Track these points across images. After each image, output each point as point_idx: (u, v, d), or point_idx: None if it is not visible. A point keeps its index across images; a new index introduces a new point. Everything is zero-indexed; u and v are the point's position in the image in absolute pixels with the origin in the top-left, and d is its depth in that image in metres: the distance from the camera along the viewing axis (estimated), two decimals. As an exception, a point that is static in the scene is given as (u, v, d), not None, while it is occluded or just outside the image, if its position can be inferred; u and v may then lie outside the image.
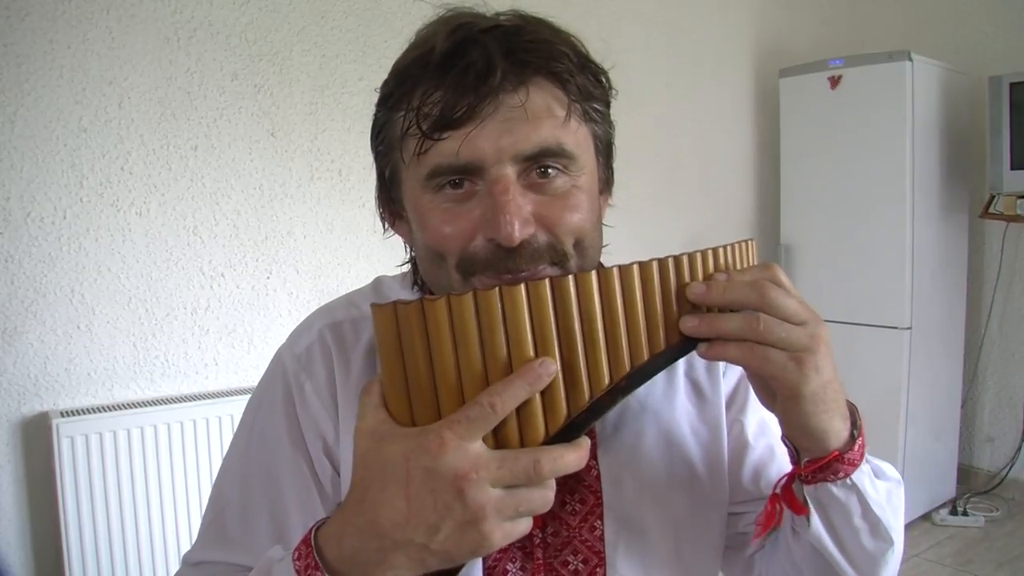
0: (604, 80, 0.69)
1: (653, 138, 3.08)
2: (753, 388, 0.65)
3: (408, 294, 0.77)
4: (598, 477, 0.72)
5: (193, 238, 2.16)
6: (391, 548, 0.52)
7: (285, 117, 2.27)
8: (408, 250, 0.77)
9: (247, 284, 2.25)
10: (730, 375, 0.80)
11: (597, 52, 0.70)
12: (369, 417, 0.55)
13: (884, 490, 0.66)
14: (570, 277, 0.56)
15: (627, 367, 0.57)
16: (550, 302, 0.55)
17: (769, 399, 0.63)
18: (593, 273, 0.56)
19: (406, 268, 0.80)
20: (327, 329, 0.76)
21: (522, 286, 0.54)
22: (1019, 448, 3.27)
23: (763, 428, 0.79)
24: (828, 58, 3.11)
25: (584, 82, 0.66)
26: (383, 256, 2.46)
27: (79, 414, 1.93)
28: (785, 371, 0.57)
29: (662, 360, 0.58)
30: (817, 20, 3.64)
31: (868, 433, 0.66)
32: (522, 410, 0.54)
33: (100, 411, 1.96)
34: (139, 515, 1.97)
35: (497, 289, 0.54)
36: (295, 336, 0.78)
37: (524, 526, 0.53)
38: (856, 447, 0.63)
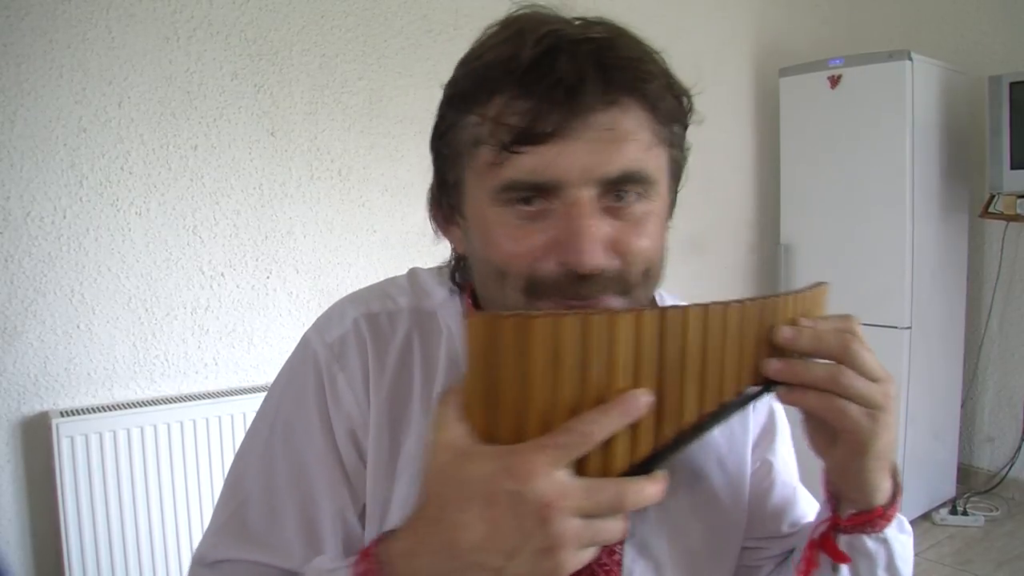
0: (687, 102, 0.67)
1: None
2: (807, 434, 0.63)
3: (444, 291, 0.75)
4: None
5: (193, 238, 2.16)
6: (464, 570, 0.50)
7: (285, 117, 2.27)
8: (452, 252, 0.74)
9: (247, 284, 2.25)
10: (760, 411, 0.79)
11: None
12: (449, 430, 0.52)
13: (906, 544, 0.67)
14: (678, 309, 0.55)
15: (715, 404, 0.56)
16: (657, 333, 0.54)
17: (824, 447, 0.62)
18: (699, 307, 0.56)
19: (440, 265, 0.77)
20: (363, 319, 0.72)
21: (632, 315, 0.53)
22: (1019, 448, 3.27)
23: (788, 468, 0.79)
24: (828, 58, 3.11)
25: (671, 105, 0.64)
26: (383, 256, 2.46)
27: (79, 414, 1.93)
28: (859, 426, 0.57)
29: (742, 400, 0.58)
30: (817, 20, 3.64)
31: None
32: (608, 439, 0.52)
33: (100, 411, 1.96)
34: (139, 515, 1.97)
35: (608, 314, 0.52)
36: (325, 323, 0.74)
37: (592, 554, 0.52)
38: (895, 504, 0.64)
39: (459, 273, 0.73)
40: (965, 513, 3.08)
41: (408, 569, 0.53)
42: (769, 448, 0.79)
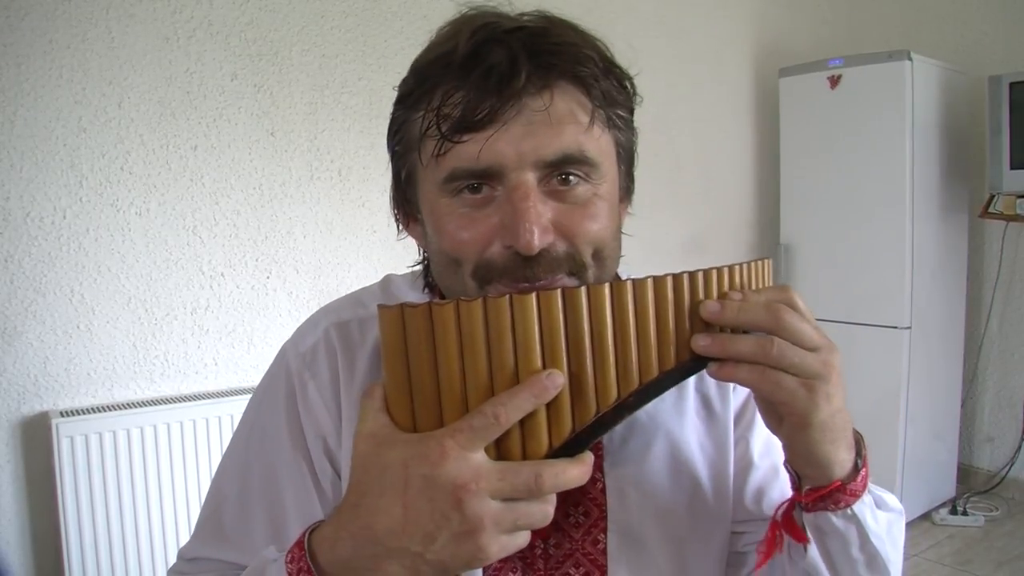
0: (629, 86, 0.68)
1: (653, 138, 3.07)
2: (760, 411, 0.63)
3: (417, 295, 0.76)
4: (603, 490, 0.71)
5: (193, 238, 2.16)
6: (385, 555, 0.51)
7: (285, 117, 2.27)
8: (420, 251, 0.75)
9: (247, 284, 2.25)
10: (740, 391, 0.79)
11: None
12: (370, 420, 0.54)
13: (885, 521, 0.66)
14: (582, 288, 0.55)
15: (636, 383, 0.56)
16: (561, 313, 0.54)
17: (775, 424, 0.62)
18: (607, 286, 0.55)
19: (413, 268, 0.78)
20: (333, 328, 0.74)
21: (533, 295, 0.53)
22: (1019, 448, 3.27)
23: (768, 448, 0.78)
24: (828, 58, 3.11)
25: (609, 87, 0.64)
26: (382, 256, 2.46)
27: (79, 414, 1.93)
28: (795, 398, 0.56)
29: (672, 378, 0.57)
30: (817, 20, 3.64)
31: (868, 433, 0.65)
32: (526, 421, 0.53)
33: (100, 411, 1.96)
34: (139, 515, 1.97)
35: (508, 297, 0.53)
36: (300, 334, 0.77)
37: (522, 540, 0.52)
38: (859, 478, 0.62)
39: (431, 275, 0.74)
40: (965, 513, 3.08)
41: (331, 555, 0.54)
42: (749, 427, 0.78)
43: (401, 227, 0.73)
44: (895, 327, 2.97)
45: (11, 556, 1.94)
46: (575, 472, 0.53)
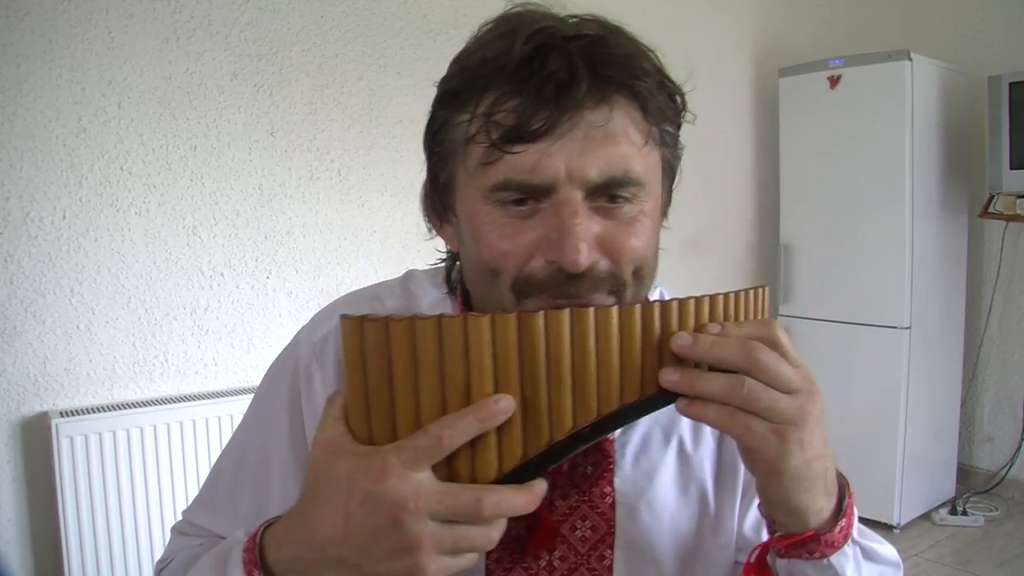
0: (679, 100, 0.65)
1: (653, 138, 3.07)
2: (738, 451, 0.59)
3: (438, 292, 0.75)
4: (612, 505, 0.70)
5: (192, 238, 2.16)
6: (324, 563, 0.52)
7: (284, 117, 2.27)
8: (446, 250, 0.73)
9: (246, 284, 2.25)
10: None
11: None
12: (328, 429, 0.54)
13: (874, 574, 0.63)
14: (540, 313, 0.53)
15: (594, 414, 0.54)
16: (516, 336, 0.52)
17: (749, 467, 0.58)
18: (567, 312, 0.53)
19: (436, 265, 0.77)
20: None
21: (488, 317, 0.52)
22: (1018, 447, 3.27)
23: None
24: (828, 58, 3.10)
25: (662, 103, 0.62)
26: (382, 256, 2.46)
27: (78, 414, 1.93)
28: (765, 443, 0.53)
29: (635, 411, 0.55)
30: (817, 20, 3.64)
31: (868, 433, 0.64)
32: (476, 444, 0.52)
33: (99, 411, 1.96)
34: (138, 515, 1.97)
35: (462, 317, 0.52)
36: (315, 322, 0.76)
37: (466, 561, 0.52)
38: (838, 529, 0.58)
39: (454, 273, 0.73)
40: (965, 513, 3.07)
41: (276, 555, 0.55)
42: None
43: (432, 228, 0.71)
44: (895, 327, 2.97)
45: (11, 556, 1.94)
46: (519, 500, 0.51)
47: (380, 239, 2.45)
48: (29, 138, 1.91)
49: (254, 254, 2.26)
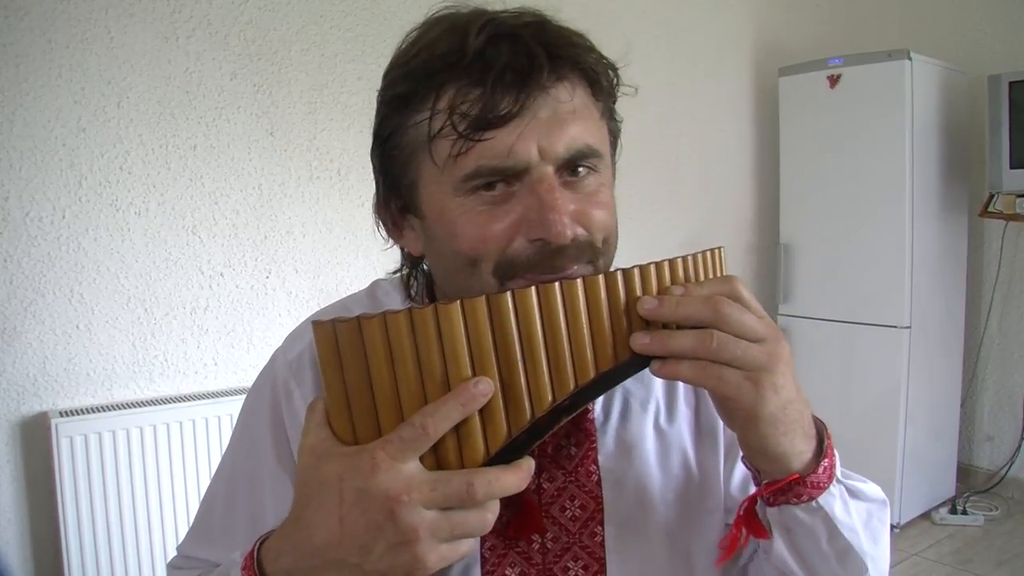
0: (616, 76, 0.69)
1: (652, 137, 3.07)
2: (714, 407, 0.61)
3: (402, 301, 0.76)
4: (599, 482, 0.71)
5: (192, 238, 2.16)
6: (324, 567, 0.52)
7: (284, 116, 2.27)
8: (403, 258, 0.75)
9: (246, 284, 2.25)
10: None
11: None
12: (312, 434, 0.55)
13: (862, 512, 0.64)
14: (508, 293, 0.54)
15: (571, 386, 0.55)
16: (487, 319, 0.53)
17: (728, 419, 0.60)
18: (532, 289, 0.55)
19: (397, 274, 0.78)
20: None
21: (458, 303, 0.53)
22: (1018, 447, 3.27)
23: None
24: (827, 57, 3.10)
25: (607, 80, 0.66)
26: (382, 255, 2.44)
27: (78, 414, 1.93)
28: (740, 391, 0.55)
29: (612, 378, 0.56)
30: (816, 19, 3.64)
31: (868, 432, 0.64)
32: (461, 429, 0.53)
33: (99, 411, 1.96)
34: (138, 515, 1.97)
35: (432, 307, 0.53)
36: (290, 341, 0.78)
37: (465, 548, 0.52)
38: (821, 469, 0.60)
39: (413, 281, 0.75)
40: (965, 512, 3.07)
41: (274, 566, 0.55)
42: None
43: (389, 237, 0.73)
44: (895, 326, 2.97)
45: (11, 556, 1.94)
46: (510, 479, 0.52)
47: (380, 239, 2.44)
48: (29, 138, 1.91)
49: (254, 254, 2.26)
